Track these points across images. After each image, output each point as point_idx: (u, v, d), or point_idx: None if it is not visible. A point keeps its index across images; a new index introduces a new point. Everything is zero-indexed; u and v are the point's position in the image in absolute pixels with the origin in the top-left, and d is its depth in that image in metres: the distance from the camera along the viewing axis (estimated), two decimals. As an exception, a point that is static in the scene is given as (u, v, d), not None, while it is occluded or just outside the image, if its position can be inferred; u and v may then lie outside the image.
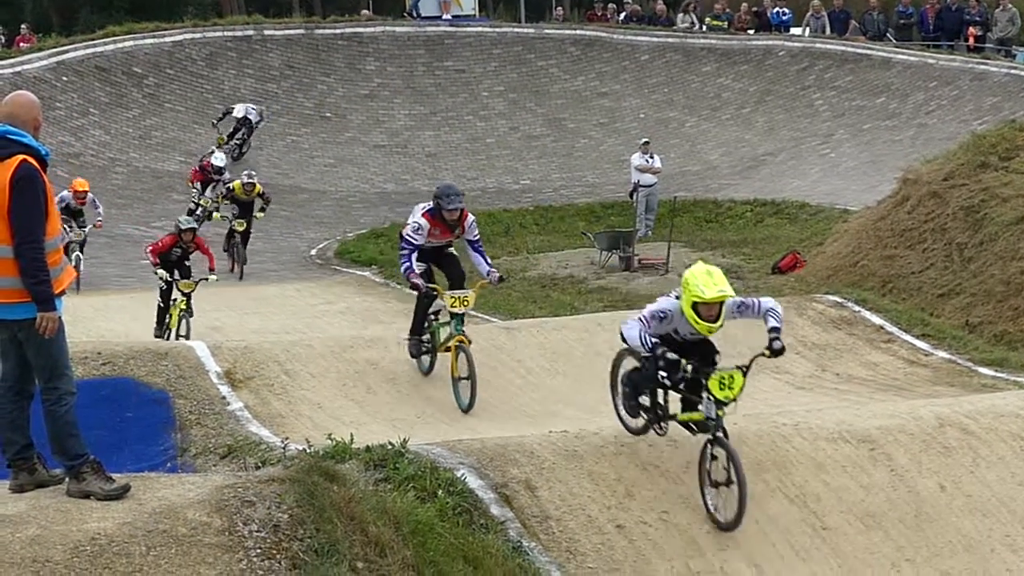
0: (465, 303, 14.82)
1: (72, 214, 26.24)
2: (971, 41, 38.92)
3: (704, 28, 42.28)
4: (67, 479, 8.52)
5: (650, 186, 30.59)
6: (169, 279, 21.16)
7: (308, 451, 10.12)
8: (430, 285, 14.73)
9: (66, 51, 37.37)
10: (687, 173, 36.05)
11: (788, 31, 42.13)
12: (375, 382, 15.30)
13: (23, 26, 41.33)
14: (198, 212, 29.35)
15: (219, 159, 31.35)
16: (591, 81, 40.40)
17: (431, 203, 14.82)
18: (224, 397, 14.05)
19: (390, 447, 10.49)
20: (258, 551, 8.08)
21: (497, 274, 15.09)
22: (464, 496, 10.06)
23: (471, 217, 15.04)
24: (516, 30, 41.82)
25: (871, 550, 10.63)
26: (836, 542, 10.62)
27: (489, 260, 15.27)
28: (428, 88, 39.93)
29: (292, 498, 8.40)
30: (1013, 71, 36.21)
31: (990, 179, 20.52)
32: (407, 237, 14.68)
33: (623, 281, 25.36)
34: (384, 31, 40.91)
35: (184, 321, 20.87)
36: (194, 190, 31.01)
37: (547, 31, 41.79)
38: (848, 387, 16.18)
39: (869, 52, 39.35)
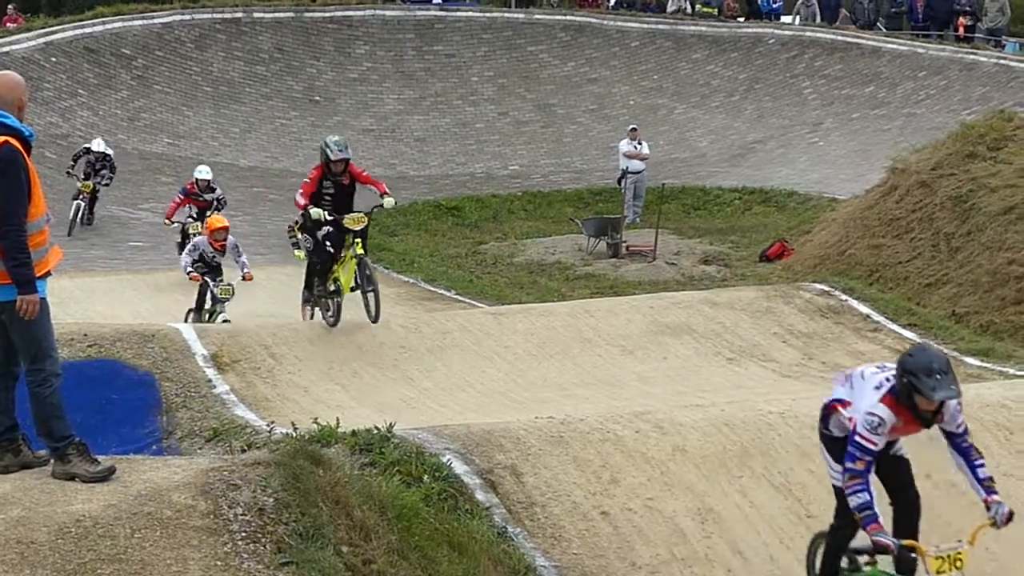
0: (957, 564, 8.87)
1: (210, 267, 20.86)
2: (961, 31, 38.96)
3: (693, 13, 42.23)
4: (52, 461, 8.50)
5: (638, 173, 30.60)
6: (327, 219, 16.09)
7: (294, 435, 10.13)
8: (903, 542, 8.88)
9: (55, 32, 37.25)
10: (675, 160, 36.04)
11: (778, 19, 42.13)
12: (361, 366, 15.32)
13: (10, 6, 41.19)
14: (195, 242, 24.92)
15: (204, 172, 26.06)
16: (581, 67, 40.36)
17: (887, 376, 8.92)
18: (210, 380, 14.06)
19: (376, 431, 10.49)
20: (243, 534, 8.08)
21: (1007, 509, 8.91)
22: (450, 481, 10.06)
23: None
24: (506, 15, 41.76)
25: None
26: (821, 530, 10.63)
27: (984, 471, 9.11)
28: (417, 72, 39.87)
29: (277, 482, 8.39)
30: (1002, 61, 36.24)
31: (978, 169, 20.56)
32: (860, 441, 8.77)
33: (611, 268, 25.38)
34: (374, 15, 40.82)
35: (363, 269, 16.31)
36: (174, 224, 25.48)
37: (537, 16, 41.74)
38: (834, 376, 16.19)
39: (859, 41, 39.36)
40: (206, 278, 20.57)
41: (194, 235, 23.93)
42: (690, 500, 10.64)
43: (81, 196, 28.83)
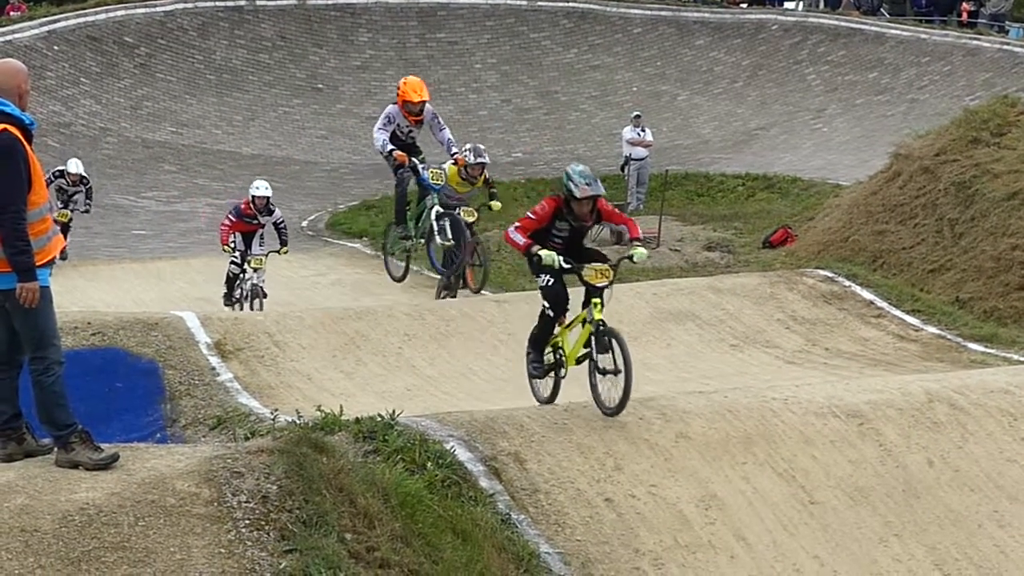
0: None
1: (405, 147, 17.24)
2: (964, 16, 38.92)
3: (697, 0, 42.21)
4: (56, 449, 8.51)
5: (641, 159, 30.59)
6: (564, 266, 11.68)
7: (297, 422, 10.13)
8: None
9: (57, 20, 37.27)
10: (679, 147, 36.03)
11: (781, 5, 42.11)
12: (365, 354, 15.30)
13: (13, -5, 41.18)
14: (249, 279, 21.18)
15: (262, 188, 21.55)
16: (584, 54, 40.34)
17: None
18: (214, 368, 14.05)
19: (379, 419, 10.49)
20: (247, 522, 8.08)
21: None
22: (453, 468, 10.06)
23: None
24: (509, 2, 41.71)
25: (859, 525, 10.65)
26: (824, 516, 10.64)
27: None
28: (420, 60, 39.84)
29: (281, 469, 8.40)
30: (1006, 47, 36.21)
31: (982, 155, 20.52)
32: None
33: (613, 254, 25.34)
34: (377, 2, 40.79)
35: (605, 340, 11.53)
36: (237, 253, 21.38)
37: (540, 3, 41.69)
38: (838, 362, 16.20)
39: (862, 27, 39.33)
40: (412, 160, 16.98)
41: (254, 270, 21.10)
42: (693, 487, 10.64)
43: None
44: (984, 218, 19.63)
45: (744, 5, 42.23)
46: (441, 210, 16.94)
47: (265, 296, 21.00)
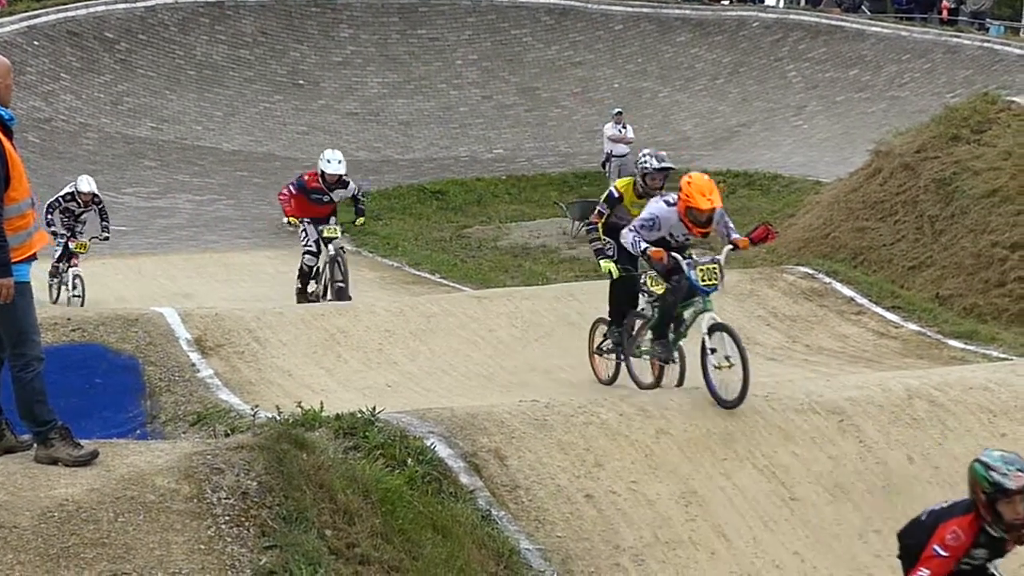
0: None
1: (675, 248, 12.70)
2: (945, 13, 39.00)
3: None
4: (35, 445, 8.49)
5: (623, 156, 30.63)
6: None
7: (278, 418, 10.12)
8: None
9: (38, 15, 37.12)
10: (660, 143, 35.81)
11: (762, 2, 42.14)
12: (345, 350, 15.28)
13: (-7, -10, 41.00)
14: (330, 258, 18.93)
15: (334, 162, 18.75)
16: (565, 50, 40.32)
17: None
18: (194, 364, 14.02)
19: (360, 415, 10.49)
20: (227, 518, 8.08)
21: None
22: (433, 465, 10.06)
23: None
24: (491, -2, 41.73)
25: (839, 521, 10.67)
26: (804, 512, 10.66)
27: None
28: (401, 56, 39.81)
29: (261, 465, 8.39)
30: (986, 44, 36.29)
31: (962, 152, 20.57)
32: None
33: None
34: (358, -2, 40.77)
35: None
36: (307, 235, 18.88)
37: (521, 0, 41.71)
38: (818, 359, 16.21)
39: (843, 24, 39.39)
40: (672, 255, 12.45)
41: (330, 240, 18.90)
42: (674, 483, 10.65)
43: (73, 259, 21.53)
44: (964, 215, 19.69)
45: (725, 2, 42.27)
46: (717, 321, 12.24)
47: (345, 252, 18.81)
